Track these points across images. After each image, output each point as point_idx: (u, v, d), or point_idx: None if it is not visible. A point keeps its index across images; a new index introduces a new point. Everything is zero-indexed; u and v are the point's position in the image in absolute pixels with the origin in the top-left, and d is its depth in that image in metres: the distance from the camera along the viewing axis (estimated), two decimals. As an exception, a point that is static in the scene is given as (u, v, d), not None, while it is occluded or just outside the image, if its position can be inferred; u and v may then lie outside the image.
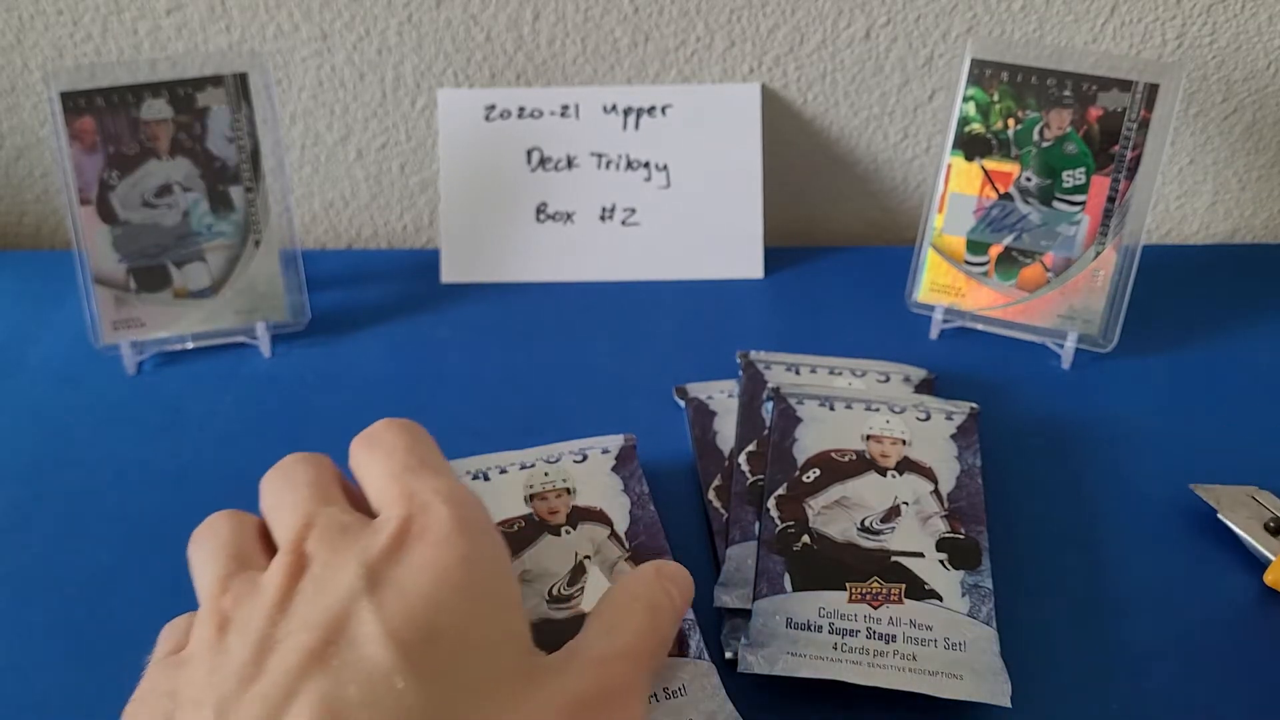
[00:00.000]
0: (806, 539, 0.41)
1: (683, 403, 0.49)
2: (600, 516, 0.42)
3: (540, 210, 0.58)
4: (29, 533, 0.44)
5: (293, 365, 0.53)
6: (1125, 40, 0.57)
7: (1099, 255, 0.51)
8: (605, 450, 0.44)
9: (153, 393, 0.51)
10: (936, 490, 0.43)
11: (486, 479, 0.43)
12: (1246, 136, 0.60)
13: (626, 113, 0.58)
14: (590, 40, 0.58)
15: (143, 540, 0.44)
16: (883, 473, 0.43)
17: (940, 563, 0.40)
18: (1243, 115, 0.60)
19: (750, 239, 0.58)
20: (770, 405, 0.46)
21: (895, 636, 0.37)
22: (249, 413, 0.50)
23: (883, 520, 0.41)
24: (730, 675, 0.37)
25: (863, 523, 0.41)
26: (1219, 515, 0.43)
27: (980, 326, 0.54)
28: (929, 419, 0.45)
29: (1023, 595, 0.41)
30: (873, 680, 0.36)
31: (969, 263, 0.53)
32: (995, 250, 0.53)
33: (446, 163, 0.58)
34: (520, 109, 0.58)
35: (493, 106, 0.58)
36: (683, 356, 0.53)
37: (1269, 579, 0.41)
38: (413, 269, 0.59)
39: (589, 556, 0.40)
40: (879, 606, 0.38)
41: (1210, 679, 0.38)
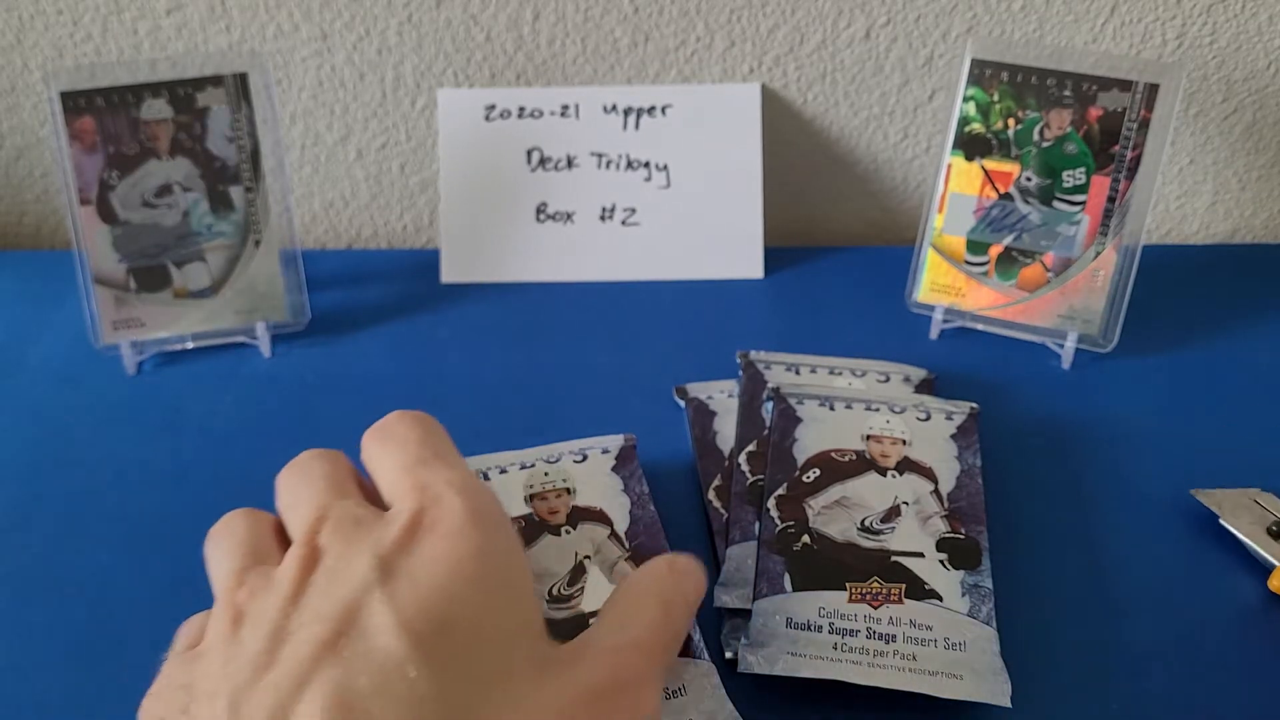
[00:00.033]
0: (806, 539, 0.41)
1: (683, 403, 0.49)
2: (600, 516, 0.42)
3: (540, 210, 0.58)
4: (29, 533, 0.44)
5: (293, 365, 0.53)
6: (1125, 40, 0.57)
7: (1099, 255, 0.51)
8: (605, 450, 0.44)
9: (153, 393, 0.51)
10: (936, 490, 0.43)
11: (486, 479, 0.43)
12: (1246, 136, 0.60)
13: (626, 113, 0.58)
14: (590, 40, 0.58)
15: (143, 540, 0.44)
16: (883, 473, 0.43)
17: (940, 563, 0.40)
18: (1243, 115, 0.60)
19: (750, 239, 0.58)
20: (770, 405, 0.46)
21: (895, 636, 0.37)
22: (249, 413, 0.50)
23: (883, 520, 0.41)
24: (730, 675, 0.37)
25: (863, 523, 0.41)
26: (1221, 521, 0.43)
27: (980, 326, 0.54)
28: (929, 419, 0.45)
29: (1023, 595, 0.41)
30: (873, 680, 0.36)
31: (969, 263, 0.53)
32: (995, 250, 0.53)
33: (446, 163, 0.58)
34: (520, 109, 0.58)
35: (493, 106, 0.58)
36: (683, 356, 0.53)
37: (1274, 584, 0.40)
38: (413, 269, 0.59)
39: (589, 556, 0.40)
40: (879, 606, 0.38)
41: (1210, 680, 0.38)
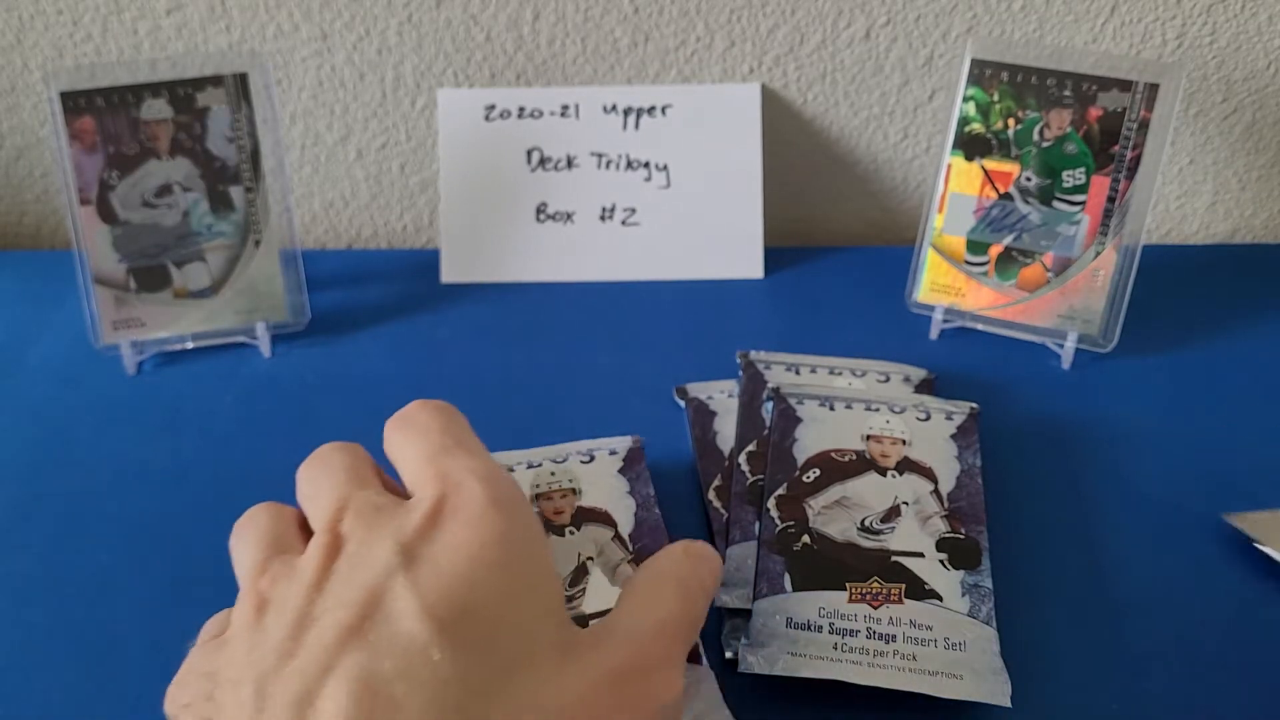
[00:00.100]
0: (806, 539, 0.41)
1: (683, 403, 0.49)
2: (605, 518, 0.42)
3: (540, 210, 0.58)
4: (29, 533, 0.44)
5: (293, 365, 0.53)
6: (1125, 40, 0.57)
7: (1099, 255, 0.51)
8: (613, 451, 0.44)
9: (153, 393, 0.51)
10: (936, 490, 0.43)
11: None
12: (1246, 136, 0.60)
13: (626, 113, 0.58)
14: (590, 40, 0.58)
15: (143, 540, 0.44)
16: (883, 473, 0.43)
17: (940, 563, 0.40)
18: (1243, 115, 0.60)
19: (750, 239, 0.58)
20: (770, 405, 0.46)
21: (895, 636, 0.37)
22: (249, 413, 0.50)
23: (883, 520, 0.41)
24: (730, 675, 0.37)
25: (863, 523, 0.41)
26: (1258, 545, 0.41)
27: (980, 326, 0.54)
28: (929, 419, 0.45)
29: (1023, 595, 0.41)
30: (873, 680, 0.36)
31: (969, 263, 0.53)
32: (995, 250, 0.53)
33: (446, 163, 0.58)
34: (520, 109, 0.58)
35: (493, 106, 0.58)
36: (683, 356, 0.53)
37: None
38: (413, 269, 0.59)
39: (592, 558, 0.40)
40: (879, 606, 0.38)
41: (1210, 680, 0.38)
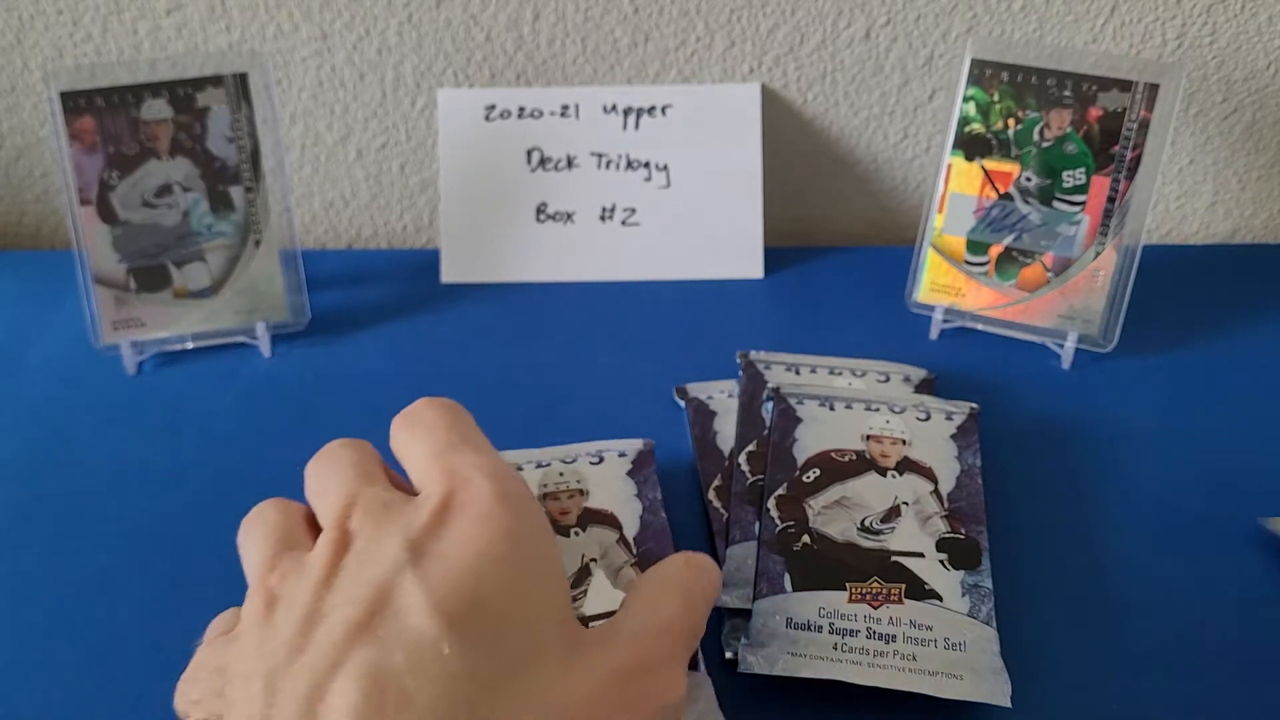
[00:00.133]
0: (806, 539, 0.41)
1: (683, 403, 0.49)
2: (610, 520, 0.42)
3: (540, 210, 0.58)
4: (29, 533, 0.44)
5: (293, 365, 0.53)
6: (1125, 40, 0.57)
7: (1099, 255, 0.51)
8: (622, 454, 0.44)
9: (153, 393, 0.51)
10: (936, 490, 0.43)
11: None
12: (1246, 136, 0.60)
13: (626, 113, 0.58)
14: (590, 40, 0.58)
15: (143, 540, 0.44)
16: (883, 473, 0.43)
17: (940, 563, 0.40)
18: (1243, 115, 0.60)
19: (750, 239, 0.58)
20: (770, 405, 0.46)
21: (895, 636, 0.37)
22: (249, 413, 0.50)
23: (883, 520, 0.41)
24: (730, 675, 0.37)
25: (863, 523, 0.41)
26: None
27: (980, 326, 0.54)
28: (929, 419, 0.45)
29: (1023, 595, 0.41)
30: (873, 680, 0.36)
31: (969, 263, 0.53)
32: (995, 250, 0.53)
33: (446, 163, 0.58)
34: (520, 109, 0.58)
35: (493, 106, 0.58)
36: (683, 356, 0.53)
37: None
38: (413, 269, 0.59)
39: (595, 559, 0.40)
40: (879, 606, 0.38)
41: (1210, 680, 0.38)
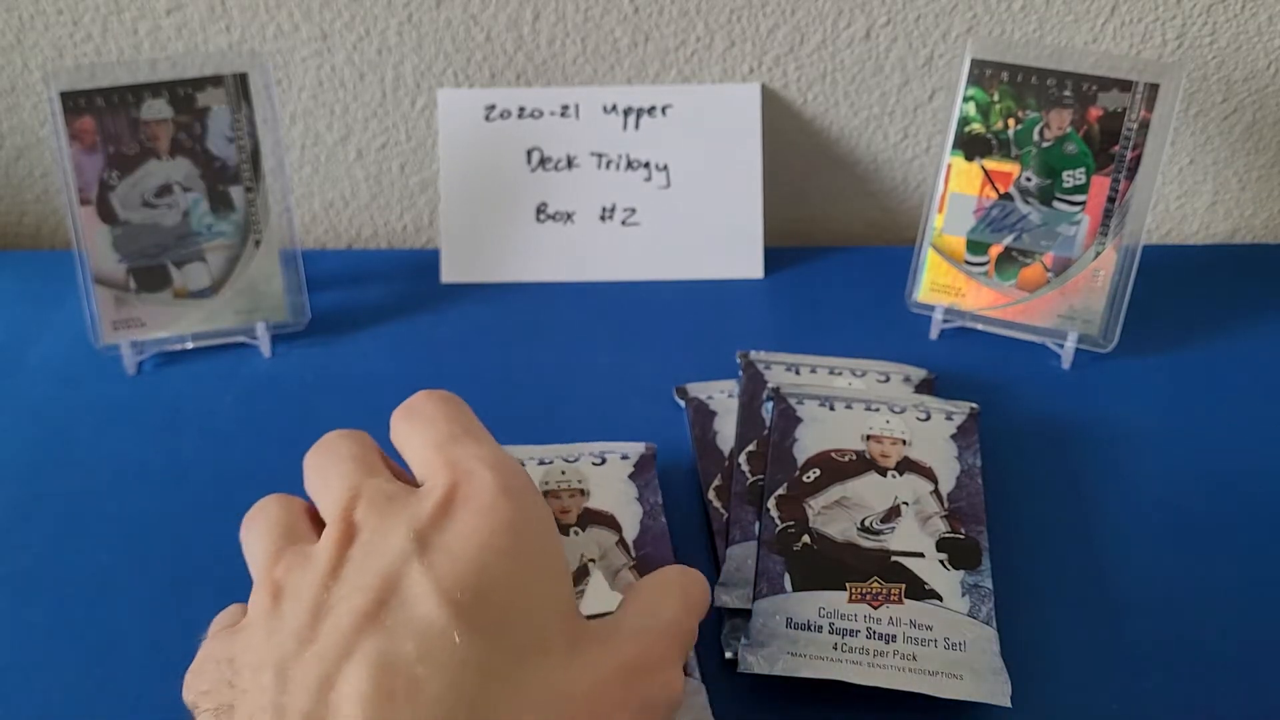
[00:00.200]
0: (806, 539, 0.41)
1: (683, 403, 0.49)
2: (610, 522, 0.42)
3: (540, 210, 0.58)
4: (29, 533, 0.44)
5: (293, 365, 0.53)
6: (1125, 40, 0.57)
7: (1099, 255, 0.51)
8: (625, 456, 0.44)
9: (153, 393, 0.51)
10: (936, 490, 0.43)
11: None
12: (1246, 136, 0.60)
13: (626, 113, 0.58)
14: (590, 40, 0.58)
15: (143, 540, 0.44)
16: (883, 473, 0.43)
17: (940, 563, 0.40)
18: (1243, 115, 0.60)
19: (750, 239, 0.58)
20: (770, 405, 0.46)
21: (895, 636, 0.37)
22: (249, 413, 0.50)
23: (883, 520, 0.41)
24: (730, 675, 0.37)
25: (863, 523, 0.41)
26: None
27: (980, 326, 0.54)
28: (929, 419, 0.45)
29: (1023, 595, 0.41)
30: (873, 680, 0.36)
31: (969, 263, 0.53)
32: (995, 250, 0.53)
33: (446, 163, 0.58)
34: (520, 109, 0.58)
35: (493, 106, 0.58)
36: (683, 356, 0.53)
37: None
38: (413, 269, 0.59)
39: (594, 560, 0.40)
40: (879, 606, 0.38)
41: (1210, 680, 0.38)
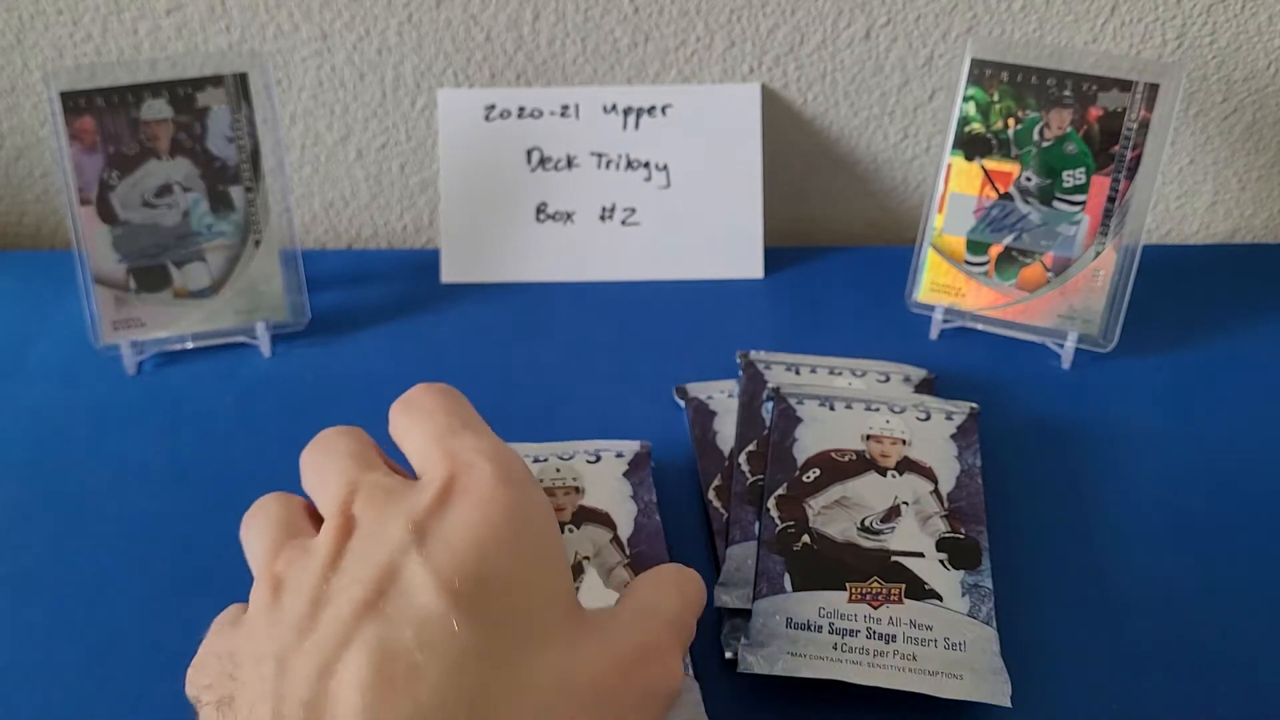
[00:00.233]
0: (806, 539, 0.41)
1: (683, 403, 0.49)
2: (605, 519, 0.42)
3: (540, 210, 0.58)
4: (29, 533, 0.44)
5: (293, 365, 0.53)
6: (1125, 40, 0.57)
7: (1099, 255, 0.51)
8: (619, 454, 0.44)
9: (153, 393, 0.51)
10: (936, 490, 0.43)
11: None
12: (1246, 136, 0.60)
13: (626, 113, 0.58)
14: (590, 40, 0.58)
15: (143, 540, 0.44)
16: (883, 473, 0.43)
17: (940, 563, 0.40)
18: (1243, 115, 0.60)
19: (750, 239, 0.58)
20: (770, 405, 0.46)
21: (895, 636, 0.37)
22: (249, 413, 0.50)
23: (883, 520, 0.41)
24: (730, 675, 0.37)
25: (863, 523, 0.41)
26: None
27: (980, 326, 0.54)
28: (929, 419, 0.45)
29: (1023, 595, 0.41)
30: (873, 680, 0.36)
31: (969, 263, 0.53)
32: (995, 250, 0.53)
33: (446, 163, 0.58)
34: (520, 109, 0.58)
35: (493, 106, 0.58)
36: (683, 356, 0.53)
37: None
38: (413, 269, 0.59)
39: (588, 558, 0.40)
40: (879, 606, 0.38)
41: (1210, 679, 0.38)
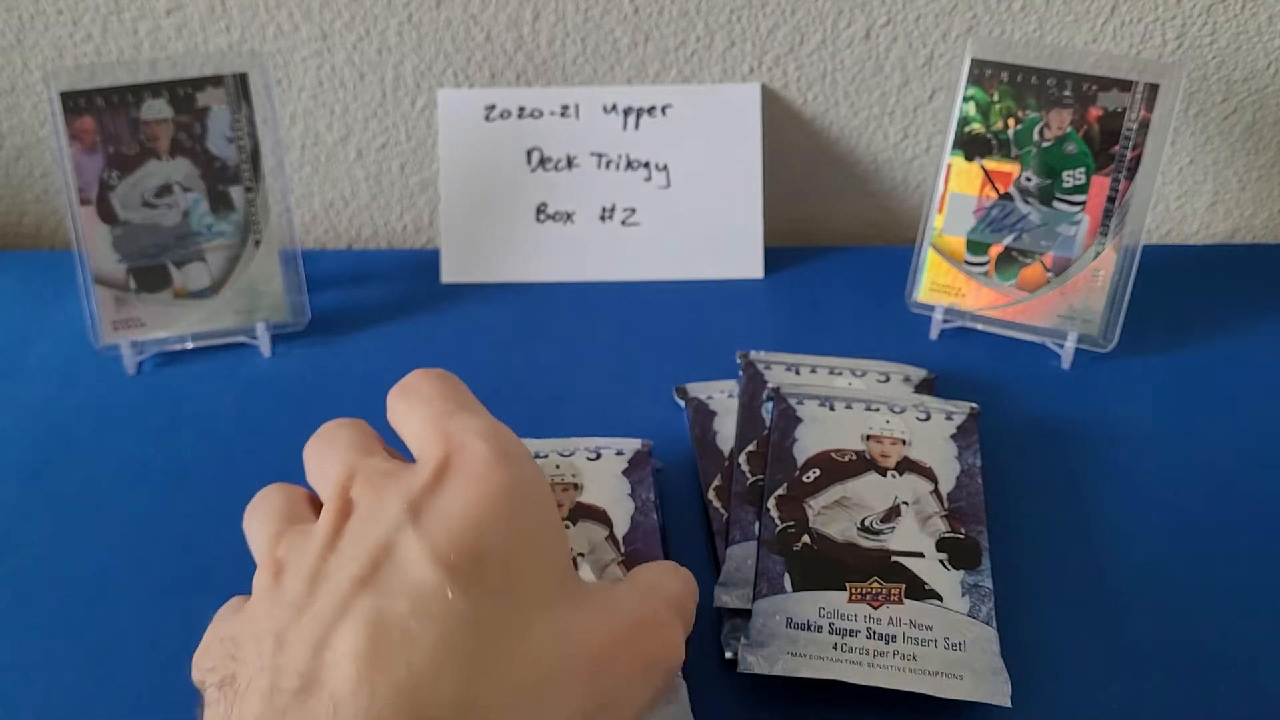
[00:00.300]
0: (806, 539, 0.41)
1: (683, 403, 0.49)
2: (602, 516, 0.42)
3: (540, 210, 0.58)
4: (29, 533, 0.44)
5: (293, 365, 0.53)
6: (1125, 40, 0.57)
7: (1099, 255, 0.51)
8: (620, 452, 0.44)
9: (153, 393, 0.51)
10: (936, 490, 0.43)
11: None
12: (1246, 136, 0.60)
13: (626, 113, 0.58)
14: (590, 40, 0.58)
15: (143, 540, 0.44)
16: (883, 473, 0.43)
17: (940, 563, 0.40)
18: (1243, 115, 0.60)
19: (750, 239, 0.58)
20: (770, 405, 0.46)
21: (895, 636, 0.37)
22: (249, 413, 0.50)
23: (883, 520, 0.41)
24: (730, 675, 0.37)
25: (863, 523, 0.41)
26: None
27: (980, 326, 0.54)
28: (929, 419, 0.45)
29: (1023, 595, 0.41)
30: (873, 680, 0.36)
31: (969, 263, 0.53)
32: (995, 250, 0.53)
33: (446, 163, 0.58)
34: (520, 109, 0.58)
35: (493, 106, 0.58)
36: (683, 356, 0.53)
37: None
38: (413, 269, 0.59)
39: (583, 554, 0.40)
40: (879, 606, 0.38)
41: (1210, 679, 0.38)
